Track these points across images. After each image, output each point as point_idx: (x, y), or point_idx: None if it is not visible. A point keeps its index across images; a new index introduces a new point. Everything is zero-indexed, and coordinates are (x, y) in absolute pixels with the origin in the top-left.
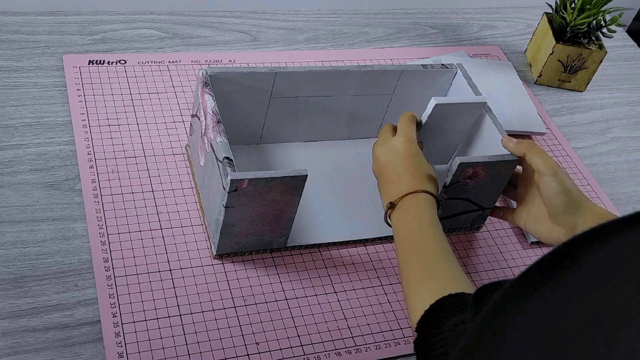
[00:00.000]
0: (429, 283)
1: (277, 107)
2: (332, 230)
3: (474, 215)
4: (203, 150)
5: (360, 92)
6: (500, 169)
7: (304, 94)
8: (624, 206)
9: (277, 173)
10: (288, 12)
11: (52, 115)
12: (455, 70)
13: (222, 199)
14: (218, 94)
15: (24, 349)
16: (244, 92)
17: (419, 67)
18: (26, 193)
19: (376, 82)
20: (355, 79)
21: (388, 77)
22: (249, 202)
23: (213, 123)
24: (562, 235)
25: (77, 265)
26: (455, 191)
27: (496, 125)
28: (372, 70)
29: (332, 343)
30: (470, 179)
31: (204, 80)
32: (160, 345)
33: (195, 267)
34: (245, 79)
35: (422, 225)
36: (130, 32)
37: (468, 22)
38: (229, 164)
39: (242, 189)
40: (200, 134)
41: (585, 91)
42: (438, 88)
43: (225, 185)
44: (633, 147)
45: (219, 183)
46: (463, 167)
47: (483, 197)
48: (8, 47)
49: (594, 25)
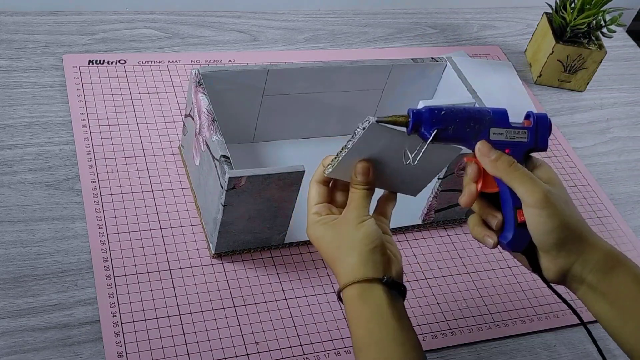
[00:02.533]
0: None
1: (269, 105)
2: None
3: None
4: (198, 150)
5: (352, 88)
6: None
7: (296, 91)
8: (624, 206)
9: (274, 170)
10: (288, 12)
11: (51, 115)
12: (445, 63)
13: (220, 198)
14: (210, 93)
15: (24, 348)
16: (237, 90)
17: (409, 61)
18: (26, 193)
19: (367, 77)
20: (347, 75)
21: (379, 72)
22: (247, 200)
23: (208, 122)
24: (552, 274)
25: (77, 264)
26: (449, 183)
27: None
28: (363, 66)
29: (332, 343)
30: (464, 170)
31: (197, 80)
32: (159, 345)
33: (194, 267)
34: (237, 77)
35: (378, 323)
36: (130, 32)
37: (468, 22)
38: (226, 162)
39: (240, 186)
40: (194, 134)
41: (585, 91)
42: (428, 82)
43: (223, 183)
44: (633, 147)
45: (216, 182)
46: (457, 159)
47: None
48: (8, 47)
49: (594, 25)
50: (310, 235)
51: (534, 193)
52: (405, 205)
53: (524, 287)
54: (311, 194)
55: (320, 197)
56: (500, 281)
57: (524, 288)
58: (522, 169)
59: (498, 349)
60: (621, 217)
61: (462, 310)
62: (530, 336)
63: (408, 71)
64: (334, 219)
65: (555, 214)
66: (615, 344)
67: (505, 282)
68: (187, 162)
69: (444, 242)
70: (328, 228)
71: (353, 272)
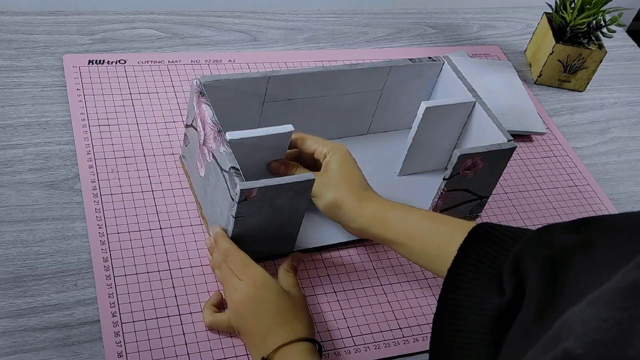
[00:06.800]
0: None
1: (270, 111)
2: (333, 232)
3: (473, 204)
4: (203, 161)
5: (351, 91)
6: (498, 157)
7: (297, 96)
8: (624, 206)
9: (285, 180)
10: (288, 12)
11: (51, 115)
12: (443, 62)
13: (231, 210)
14: (212, 102)
15: (24, 348)
16: (237, 98)
17: (407, 62)
18: (26, 193)
19: (366, 79)
20: (346, 78)
21: (377, 73)
22: (258, 211)
23: (214, 133)
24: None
25: (77, 264)
26: (455, 183)
27: (490, 116)
28: (363, 68)
29: (332, 343)
30: (469, 170)
31: (199, 90)
32: (159, 345)
33: (194, 267)
34: (237, 85)
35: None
36: (130, 32)
37: (468, 22)
38: (236, 173)
39: (251, 197)
40: (198, 145)
41: (585, 91)
42: (426, 81)
43: (233, 195)
44: (633, 147)
45: (225, 193)
46: (463, 159)
47: (481, 186)
48: (8, 47)
49: (594, 25)
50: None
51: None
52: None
53: None
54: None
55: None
56: None
57: None
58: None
59: None
60: None
61: None
62: None
63: (406, 71)
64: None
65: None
66: None
67: None
68: (191, 173)
69: None
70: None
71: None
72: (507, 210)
